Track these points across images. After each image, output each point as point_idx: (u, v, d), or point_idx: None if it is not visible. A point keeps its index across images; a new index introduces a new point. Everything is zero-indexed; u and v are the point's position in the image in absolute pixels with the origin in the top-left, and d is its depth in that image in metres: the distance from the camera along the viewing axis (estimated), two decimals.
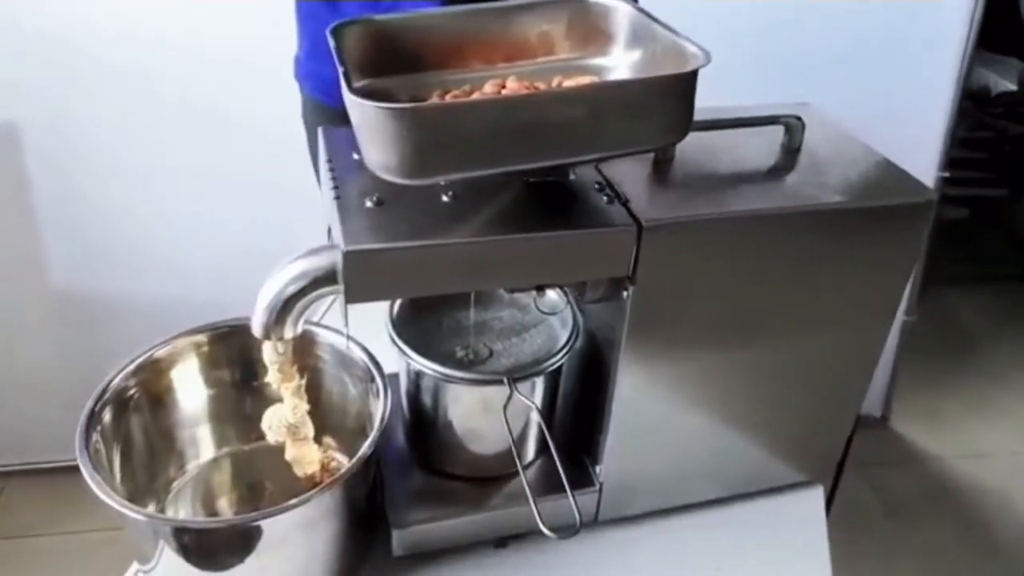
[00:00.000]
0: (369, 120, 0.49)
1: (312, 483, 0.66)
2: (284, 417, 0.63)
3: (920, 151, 1.55)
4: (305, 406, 0.64)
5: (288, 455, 0.65)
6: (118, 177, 1.45)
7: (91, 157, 1.43)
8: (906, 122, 1.51)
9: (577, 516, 0.58)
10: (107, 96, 1.38)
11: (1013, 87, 2.28)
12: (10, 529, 1.59)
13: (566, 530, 0.57)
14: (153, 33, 1.33)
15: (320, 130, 0.64)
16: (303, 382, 0.63)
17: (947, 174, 1.59)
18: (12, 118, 1.39)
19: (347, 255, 0.51)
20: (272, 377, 0.62)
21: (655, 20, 0.59)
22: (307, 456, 0.65)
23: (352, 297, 0.54)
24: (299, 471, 0.66)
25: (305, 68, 1.06)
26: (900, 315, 1.69)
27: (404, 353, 0.64)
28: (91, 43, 1.33)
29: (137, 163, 1.44)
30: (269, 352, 0.61)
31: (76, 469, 0.58)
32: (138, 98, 1.38)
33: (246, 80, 1.35)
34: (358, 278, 0.53)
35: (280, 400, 0.64)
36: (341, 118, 0.55)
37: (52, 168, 1.43)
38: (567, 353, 0.65)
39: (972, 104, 2.19)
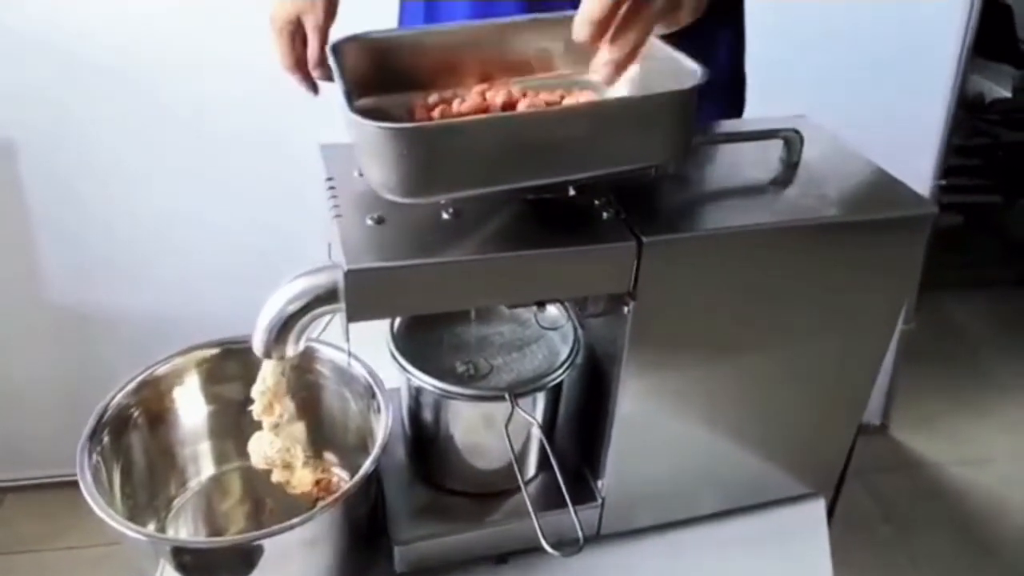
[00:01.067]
0: (369, 139, 0.49)
1: (312, 500, 0.66)
2: (263, 450, 0.63)
3: (916, 159, 1.56)
4: (280, 442, 0.63)
5: (274, 478, 0.65)
6: (116, 181, 1.43)
7: (87, 164, 1.41)
8: (902, 131, 1.51)
9: (580, 532, 0.58)
10: (104, 101, 1.36)
11: (1007, 94, 2.29)
12: (7, 544, 1.58)
13: (568, 546, 0.57)
14: (153, 36, 1.33)
15: (320, 148, 0.64)
16: (283, 420, 0.63)
17: (943, 182, 1.60)
18: (6, 124, 1.37)
19: (348, 274, 0.51)
20: (256, 408, 0.62)
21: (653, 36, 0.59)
22: (294, 480, 0.65)
23: (353, 315, 0.53)
24: (290, 491, 0.66)
25: None
26: (898, 323, 1.69)
27: (405, 369, 0.64)
28: (88, 47, 1.32)
29: (134, 170, 1.42)
30: (258, 384, 0.61)
31: (74, 484, 0.58)
32: (135, 104, 1.37)
33: (247, 83, 1.32)
34: (359, 297, 0.53)
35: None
36: None
37: (47, 175, 1.42)
38: (568, 368, 0.65)
39: (967, 111, 2.20)
